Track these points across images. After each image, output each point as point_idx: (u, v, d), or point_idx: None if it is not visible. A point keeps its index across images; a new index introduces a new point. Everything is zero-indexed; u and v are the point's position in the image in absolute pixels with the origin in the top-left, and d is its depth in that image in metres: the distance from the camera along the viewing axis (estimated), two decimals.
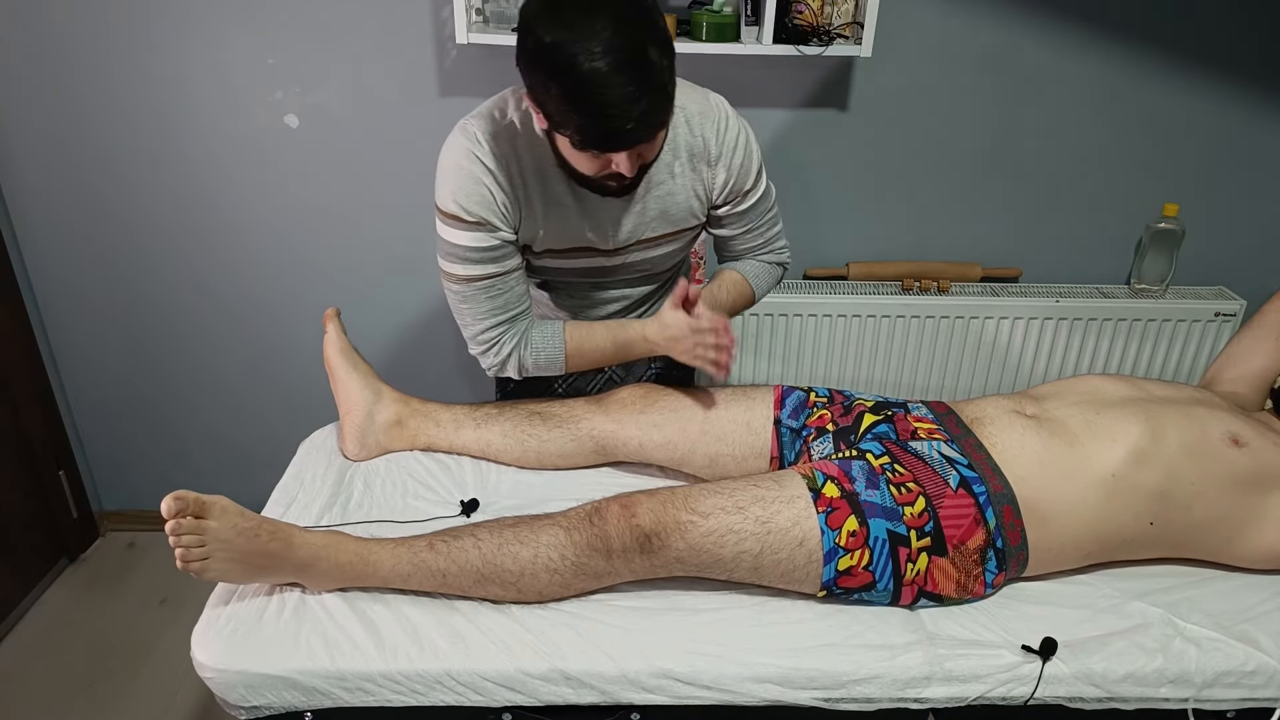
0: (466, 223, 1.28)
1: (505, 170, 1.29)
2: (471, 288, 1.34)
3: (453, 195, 1.27)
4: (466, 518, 1.36)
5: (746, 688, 1.12)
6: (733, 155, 1.37)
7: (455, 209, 1.28)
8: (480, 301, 1.35)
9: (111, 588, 2.28)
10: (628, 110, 1.07)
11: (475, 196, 1.27)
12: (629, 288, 1.51)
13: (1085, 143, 2.05)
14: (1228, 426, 1.29)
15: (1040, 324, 2.10)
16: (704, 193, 1.40)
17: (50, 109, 1.97)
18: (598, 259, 1.41)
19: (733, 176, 1.38)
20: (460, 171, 1.27)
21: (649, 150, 1.21)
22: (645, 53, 1.07)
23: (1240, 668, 1.14)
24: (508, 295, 1.36)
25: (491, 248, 1.31)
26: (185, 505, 1.08)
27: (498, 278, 1.33)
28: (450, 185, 1.28)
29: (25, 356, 2.16)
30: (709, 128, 1.34)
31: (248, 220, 2.09)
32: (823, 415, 1.42)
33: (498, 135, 1.29)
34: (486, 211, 1.28)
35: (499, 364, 1.40)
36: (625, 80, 1.06)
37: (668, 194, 1.37)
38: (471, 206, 1.27)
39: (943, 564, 1.20)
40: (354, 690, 1.12)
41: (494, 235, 1.30)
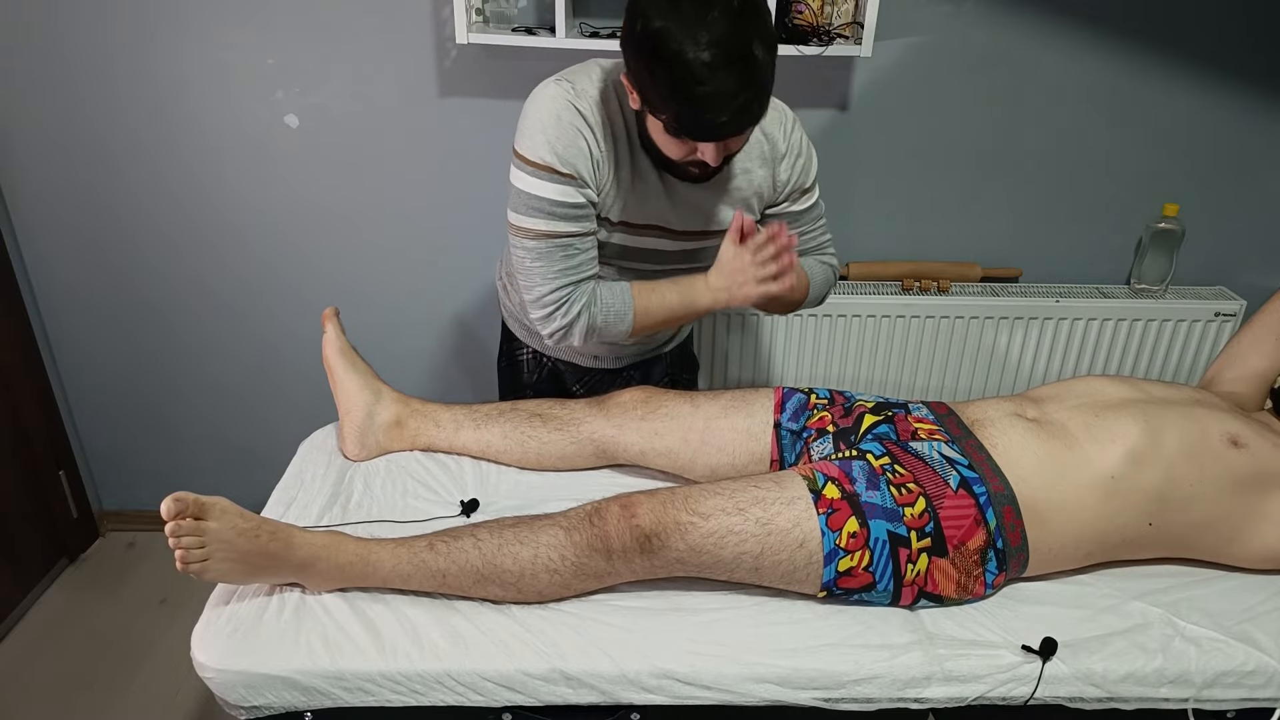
0: (559, 174, 1.25)
1: (605, 130, 1.27)
2: (548, 244, 1.29)
3: (550, 145, 1.24)
4: (466, 518, 1.36)
5: (746, 688, 1.12)
6: (797, 156, 1.41)
7: (551, 159, 1.24)
8: (554, 260, 1.30)
9: (111, 588, 2.28)
10: (727, 104, 1.09)
11: (574, 148, 1.24)
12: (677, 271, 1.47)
13: (1085, 143, 2.05)
14: (1227, 427, 1.29)
15: (1040, 324, 2.10)
16: (768, 190, 1.42)
17: (50, 109, 1.97)
18: (664, 241, 1.40)
19: (795, 175, 1.41)
20: (560, 122, 1.24)
21: (736, 143, 1.22)
22: (751, 48, 1.08)
23: (1240, 668, 1.14)
24: (582, 257, 1.31)
25: (577, 205, 1.28)
26: (185, 506, 1.08)
27: (576, 237, 1.30)
28: (549, 134, 1.24)
29: (25, 356, 2.16)
30: (777, 128, 1.37)
31: (248, 220, 2.09)
32: (823, 417, 1.42)
33: (595, 97, 1.27)
34: (582, 165, 1.25)
35: (566, 325, 1.34)
36: (729, 74, 1.07)
37: (737, 188, 1.38)
38: (569, 157, 1.24)
39: (943, 564, 1.20)
40: (354, 690, 1.12)
41: (582, 192, 1.27)
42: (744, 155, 1.36)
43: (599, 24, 1.89)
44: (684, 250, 1.43)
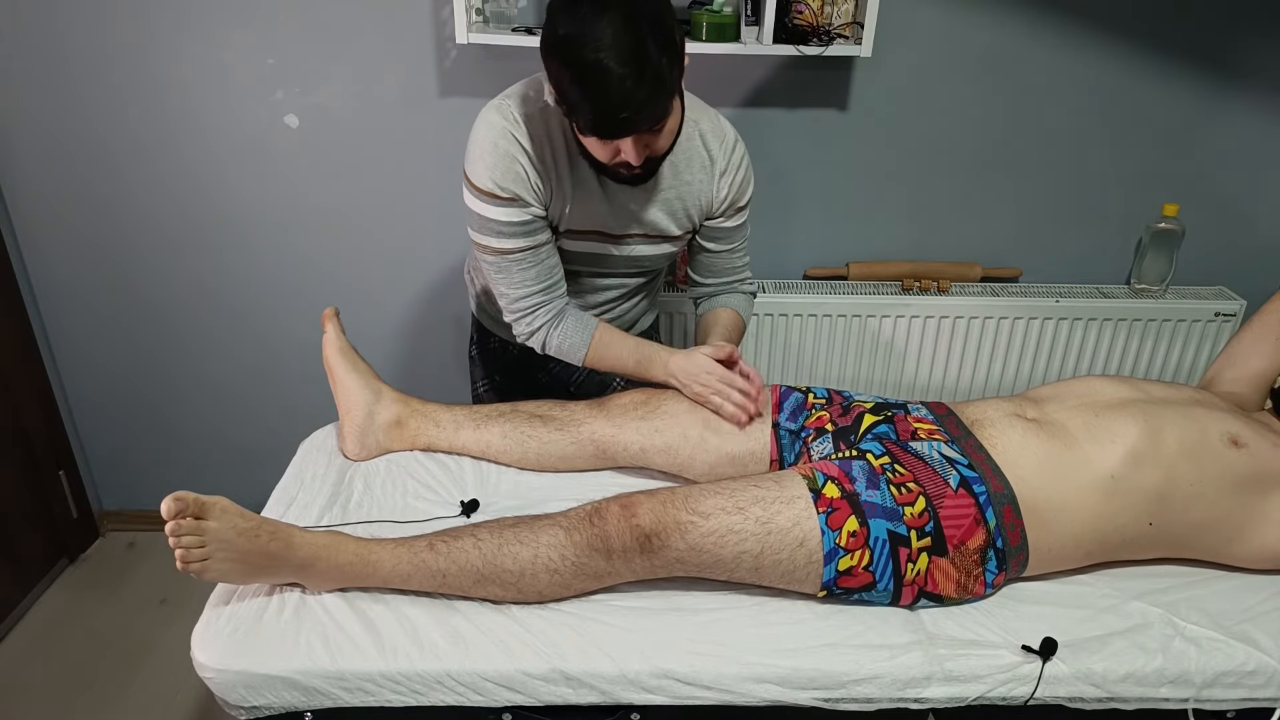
0: (501, 199, 1.35)
1: (539, 150, 1.35)
2: (506, 260, 1.40)
3: (489, 173, 1.34)
4: (466, 518, 1.36)
5: (746, 688, 1.12)
6: (736, 172, 1.47)
7: (491, 186, 1.34)
8: (514, 273, 1.41)
9: (111, 588, 2.28)
10: (625, 101, 1.17)
11: (510, 174, 1.34)
12: (624, 279, 1.57)
13: (1085, 143, 2.05)
14: (1227, 427, 1.29)
15: (1040, 324, 2.10)
16: (706, 202, 1.49)
17: (50, 109, 1.97)
18: (607, 246, 1.47)
19: (732, 191, 1.48)
20: (496, 150, 1.33)
21: (655, 142, 1.29)
22: (645, 49, 1.16)
23: (1240, 668, 1.14)
24: (541, 267, 1.42)
25: (525, 222, 1.37)
26: (185, 506, 1.08)
27: (531, 250, 1.40)
28: (486, 162, 1.34)
29: (25, 356, 2.16)
30: (718, 144, 1.45)
31: (248, 220, 2.09)
32: (821, 416, 1.42)
33: (532, 116, 1.35)
34: (520, 188, 1.35)
35: (528, 334, 1.47)
36: (625, 74, 1.15)
37: (677, 197, 1.45)
38: (506, 184, 1.34)
39: (943, 564, 1.20)
40: (354, 690, 1.12)
41: (527, 210, 1.37)
42: (684, 165, 1.43)
43: None
44: (626, 256, 1.50)
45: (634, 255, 1.50)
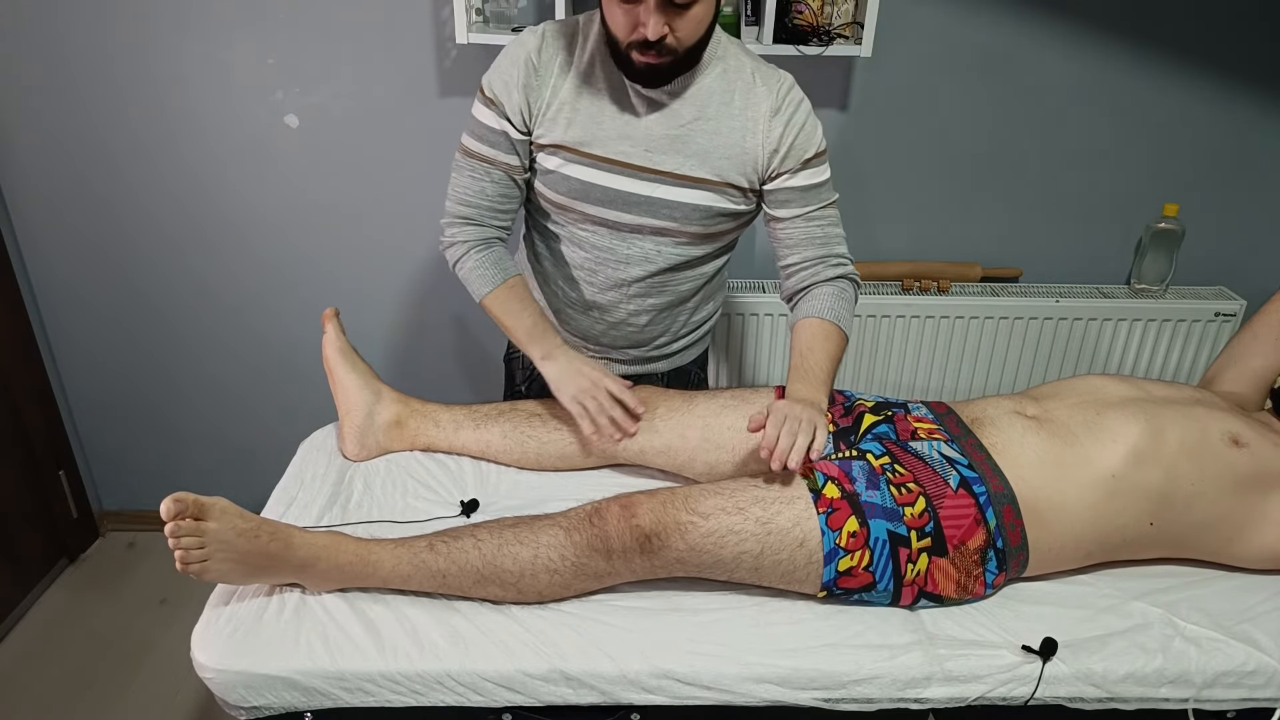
0: (484, 96, 1.36)
1: (544, 59, 1.33)
2: (466, 160, 1.40)
3: (491, 70, 1.36)
4: (466, 518, 1.36)
5: (746, 688, 1.12)
6: (794, 113, 1.34)
7: (486, 84, 1.36)
8: (466, 177, 1.40)
9: (111, 588, 2.28)
10: None
11: (501, 81, 1.34)
12: (652, 245, 1.41)
13: (1085, 143, 2.05)
14: (1228, 426, 1.29)
15: (1040, 324, 2.10)
16: (759, 149, 1.34)
17: (50, 109, 1.97)
18: (630, 181, 1.35)
19: (792, 135, 1.33)
20: (505, 53, 1.36)
21: (679, 23, 1.21)
22: None
23: (1240, 668, 1.14)
24: (491, 185, 1.39)
25: (492, 130, 1.36)
26: (185, 507, 1.08)
27: (487, 163, 1.38)
28: (498, 61, 1.36)
29: (25, 356, 2.16)
30: (773, 83, 1.35)
31: (248, 220, 2.09)
32: None
33: (559, 30, 1.35)
34: (504, 95, 1.34)
35: (449, 245, 1.44)
36: None
37: (714, 132, 1.33)
38: (497, 87, 1.35)
39: (943, 564, 1.20)
40: (354, 690, 1.12)
41: (500, 121, 1.36)
42: (724, 97, 1.33)
43: None
44: (649, 198, 1.35)
45: (660, 201, 1.35)
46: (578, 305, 1.52)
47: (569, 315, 1.55)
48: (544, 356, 1.40)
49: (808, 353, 1.35)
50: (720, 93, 1.34)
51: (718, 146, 1.34)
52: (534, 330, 1.41)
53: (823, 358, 1.34)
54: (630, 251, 1.42)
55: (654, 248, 1.42)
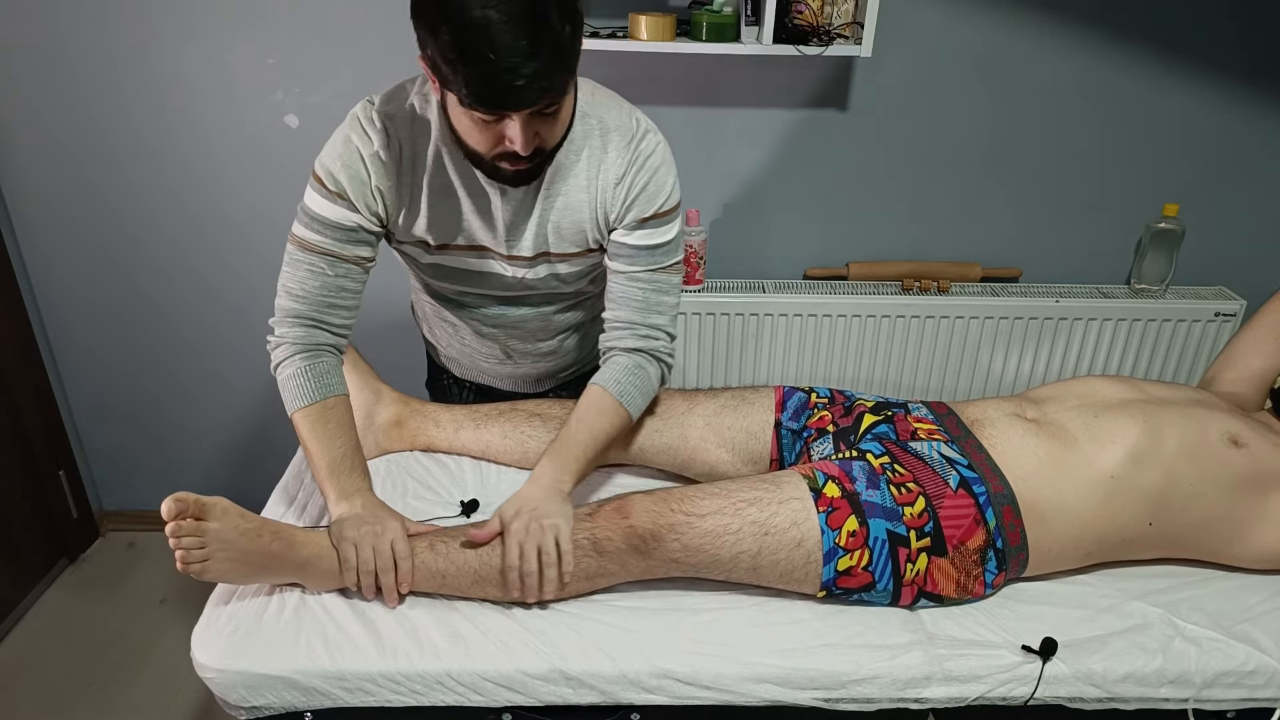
0: (328, 190, 1.23)
1: (393, 155, 1.23)
2: (302, 254, 1.26)
3: (330, 159, 1.23)
4: (466, 518, 1.36)
5: (746, 688, 1.12)
6: (638, 173, 1.26)
7: (324, 174, 1.23)
8: (300, 270, 1.26)
9: (111, 588, 2.28)
10: (518, 65, 1.01)
11: (348, 170, 1.22)
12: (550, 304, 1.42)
13: (1085, 143, 2.05)
14: (1227, 427, 1.29)
15: (1040, 324, 2.10)
16: (604, 214, 1.29)
17: (51, 109, 1.97)
18: (500, 264, 1.33)
19: (634, 196, 1.27)
20: (346, 143, 1.23)
21: (546, 130, 1.13)
22: (545, 12, 1.01)
23: (1240, 668, 1.14)
24: (328, 280, 1.25)
25: (338, 225, 1.24)
26: (185, 507, 1.08)
27: (330, 256, 1.25)
28: (335, 150, 1.23)
29: (25, 356, 2.16)
30: (621, 143, 1.26)
31: (248, 220, 2.10)
32: (823, 416, 1.42)
33: (394, 115, 1.24)
34: (354, 189, 1.23)
35: (273, 346, 1.29)
36: (520, 34, 1.00)
37: (565, 207, 1.28)
38: (340, 177, 1.22)
39: (942, 564, 1.20)
40: (354, 690, 1.12)
41: (349, 214, 1.24)
42: (576, 170, 1.26)
43: (599, 24, 1.89)
44: (522, 279, 1.34)
45: (536, 280, 1.34)
46: (493, 359, 1.53)
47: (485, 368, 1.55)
48: (341, 497, 1.21)
49: (574, 426, 1.28)
50: (569, 165, 1.26)
51: (573, 221, 1.29)
52: (340, 465, 1.22)
53: (585, 435, 1.27)
54: (530, 311, 1.42)
55: (551, 305, 1.42)
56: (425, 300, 1.52)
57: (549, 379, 1.60)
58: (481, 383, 1.63)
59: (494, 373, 1.57)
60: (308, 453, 1.25)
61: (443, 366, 1.65)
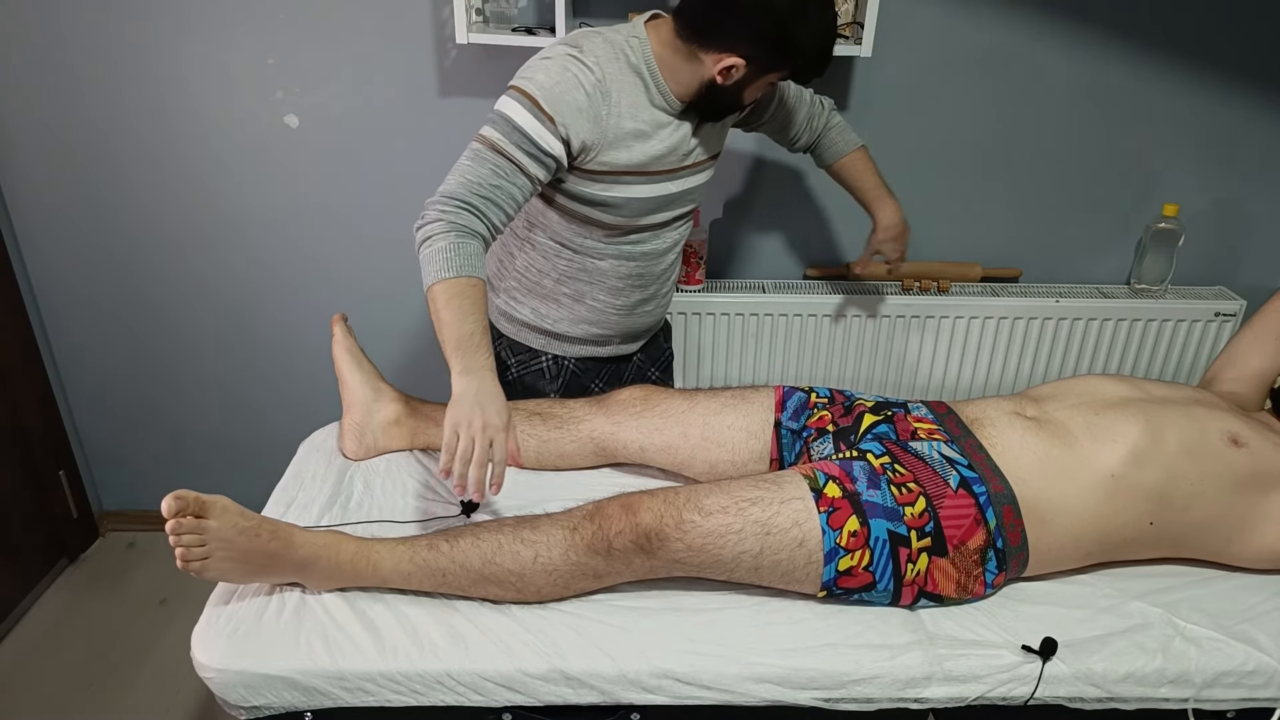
0: (540, 110, 1.30)
1: (603, 98, 1.35)
2: (488, 155, 1.31)
3: (548, 84, 1.31)
4: (466, 518, 1.36)
5: (746, 688, 1.12)
6: None
7: (539, 94, 1.30)
8: (481, 172, 1.30)
9: (111, 588, 2.28)
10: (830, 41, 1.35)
11: (566, 98, 1.31)
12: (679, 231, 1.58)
13: (1085, 143, 2.05)
14: (1227, 426, 1.29)
15: (1040, 324, 2.10)
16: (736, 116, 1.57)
17: (50, 109, 1.97)
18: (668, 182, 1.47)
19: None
20: (564, 71, 1.32)
21: None
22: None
23: (1240, 668, 1.14)
24: (504, 188, 1.31)
25: (539, 146, 1.31)
26: (185, 505, 1.08)
27: (513, 164, 1.31)
28: (553, 77, 1.32)
29: (25, 356, 2.16)
30: None
31: (248, 220, 2.10)
32: (823, 416, 1.42)
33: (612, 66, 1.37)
34: (565, 117, 1.31)
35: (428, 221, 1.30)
36: (831, 19, 1.34)
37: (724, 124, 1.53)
38: (556, 103, 1.31)
39: (943, 564, 1.20)
40: (354, 690, 1.12)
41: (553, 137, 1.32)
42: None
43: (599, 23, 1.89)
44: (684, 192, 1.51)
45: (694, 187, 1.52)
46: (623, 310, 1.59)
47: (611, 322, 1.60)
48: (463, 372, 1.23)
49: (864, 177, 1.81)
50: None
51: (718, 129, 1.52)
52: (469, 340, 1.25)
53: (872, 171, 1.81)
54: (666, 244, 1.56)
55: (679, 231, 1.58)
56: (550, 271, 1.54)
57: (645, 335, 1.72)
58: (584, 356, 1.65)
59: (611, 329, 1.62)
60: (439, 323, 1.26)
61: (540, 349, 1.64)
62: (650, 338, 1.76)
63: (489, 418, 1.20)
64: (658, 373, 1.79)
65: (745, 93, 1.41)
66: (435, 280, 1.26)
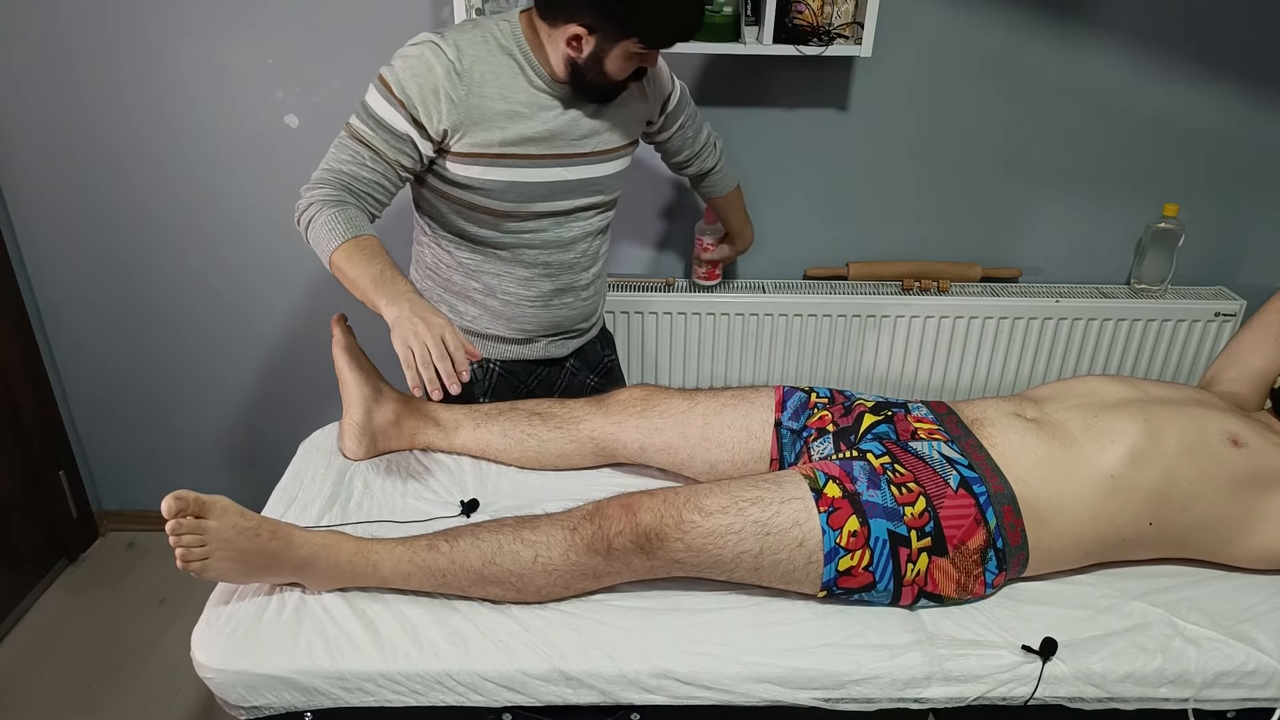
0: (392, 95, 1.34)
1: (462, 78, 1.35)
2: (350, 143, 1.37)
3: (400, 70, 1.34)
4: (466, 518, 1.36)
5: (746, 688, 1.12)
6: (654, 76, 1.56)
7: (392, 80, 1.34)
8: (345, 160, 1.37)
9: (111, 588, 2.28)
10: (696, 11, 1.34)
11: (418, 81, 1.33)
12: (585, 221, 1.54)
13: (1085, 143, 2.05)
14: (1227, 427, 1.29)
15: (1040, 324, 2.10)
16: (645, 105, 1.56)
17: (50, 109, 1.97)
18: (559, 168, 1.45)
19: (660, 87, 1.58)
20: (420, 58, 1.34)
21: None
22: None
23: (1240, 668, 1.14)
24: (365, 170, 1.37)
25: (394, 131, 1.35)
26: (185, 505, 1.08)
27: (371, 151, 1.36)
28: (407, 63, 1.34)
29: (25, 356, 2.16)
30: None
31: (248, 220, 2.10)
32: (823, 416, 1.42)
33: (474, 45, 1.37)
34: (418, 100, 1.34)
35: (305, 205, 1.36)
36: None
37: (621, 103, 1.49)
38: (408, 86, 1.33)
39: (943, 564, 1.20)
40: (354, 690, 1.12)
41: (407, 122, 1.35)
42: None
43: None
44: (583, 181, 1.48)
45: (594, 177, 1.49)
46: (537, 302, 1.56)
47: (527, 315, 1.57)
48: (389, 301, 1.27)
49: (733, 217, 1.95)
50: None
51: (625, 118, 1.50)
52: (381, 277, 1.29)
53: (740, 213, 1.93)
54: (572, 233, 1.53)
55: (590, 223, 1.55)
56: (456, 266, 1.55)
57: (573, 334, 1.66)
58: (509, 358, 1.62)
59: (530, 324, 1.59)
60: (350, 281, 1.31)
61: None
62: (586, 343, 1.71)
63: (430, 321, 1.24)
64: (595, 379, 1.75)
65: (607, 66, 1.35)
66: (330, 251, 1.31)
